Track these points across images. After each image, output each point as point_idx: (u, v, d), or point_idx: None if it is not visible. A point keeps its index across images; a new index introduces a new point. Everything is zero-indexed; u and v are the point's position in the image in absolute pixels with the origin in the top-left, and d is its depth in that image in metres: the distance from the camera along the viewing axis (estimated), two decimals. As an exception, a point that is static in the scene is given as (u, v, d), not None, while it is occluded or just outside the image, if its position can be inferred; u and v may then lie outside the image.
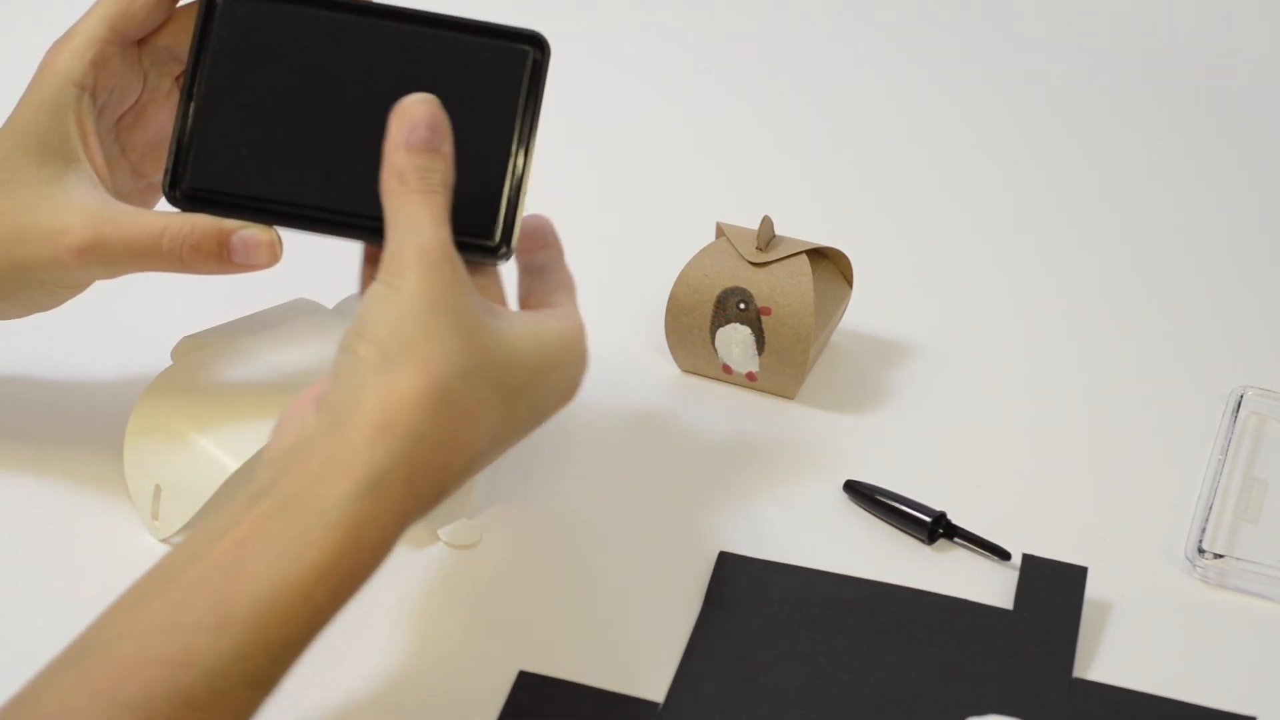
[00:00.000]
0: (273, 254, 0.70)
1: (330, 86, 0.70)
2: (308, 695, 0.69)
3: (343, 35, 0.70)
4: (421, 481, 0.59)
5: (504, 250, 0.69)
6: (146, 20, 0.73)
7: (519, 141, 0.70)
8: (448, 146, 0.65)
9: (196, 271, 0.70)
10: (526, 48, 0.70)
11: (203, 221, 0.70)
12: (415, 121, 0.64)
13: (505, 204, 0.69)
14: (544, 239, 0.71)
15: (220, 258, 0.70)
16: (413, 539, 0.76)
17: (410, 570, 0.75)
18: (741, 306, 0.85)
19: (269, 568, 0.56)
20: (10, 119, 0.73)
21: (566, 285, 0.70)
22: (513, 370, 0.63)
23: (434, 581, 0.75)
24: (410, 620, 0.73)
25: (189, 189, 0.71)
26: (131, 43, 0.74)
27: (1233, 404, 0.85)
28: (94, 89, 0.72)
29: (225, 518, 0.58)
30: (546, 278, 0.70)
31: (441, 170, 0.64)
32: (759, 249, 0.86)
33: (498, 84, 0.70)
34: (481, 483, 0.78)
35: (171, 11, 0.74)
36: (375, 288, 0.62)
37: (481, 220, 0.69)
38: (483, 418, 0.61)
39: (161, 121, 0.76)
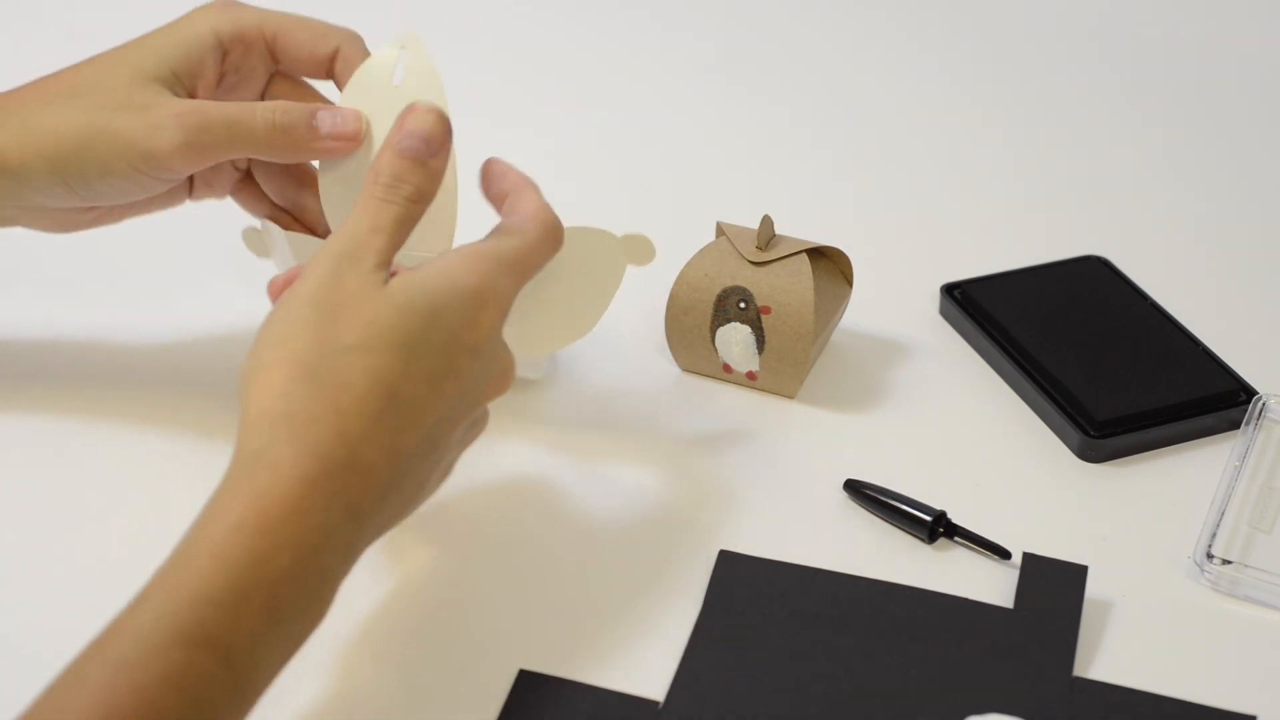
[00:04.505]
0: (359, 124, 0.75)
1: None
2: (308, 694, 0.69)
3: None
4: (312, 444, 0.62)
5: None
6: (304, 67, 0.80)
7: None
8: (437, 161, 0.69)
9: (286, 148, 0.75)
10: None
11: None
12: (411, 129, 0.69)
13: None
14: (498, 183, 0.74)
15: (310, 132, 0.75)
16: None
17: (411, 570, 0.75)
18: (742, 306, 0.85)
19: (181, 542, 0.61)
20: (134, 44, 0.77)
21: (507, 220, 0.72)
22: (404, 328, 0.65)
23: (434, 581, 0.75)
24: (411, 619, 0.73)
25: None
26: (264, 77, 0.80)
27: (1254, 412, 0.83)
28: (225, 53, 0.78)
29: None
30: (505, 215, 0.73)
31: (415, 182, 0.68)
32: (759, 248, 0.86)
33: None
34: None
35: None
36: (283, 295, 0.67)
37: None
38: (365, 382, 0.64)
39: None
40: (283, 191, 0.81)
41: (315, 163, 0.78)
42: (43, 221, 0.79)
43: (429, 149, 0.69)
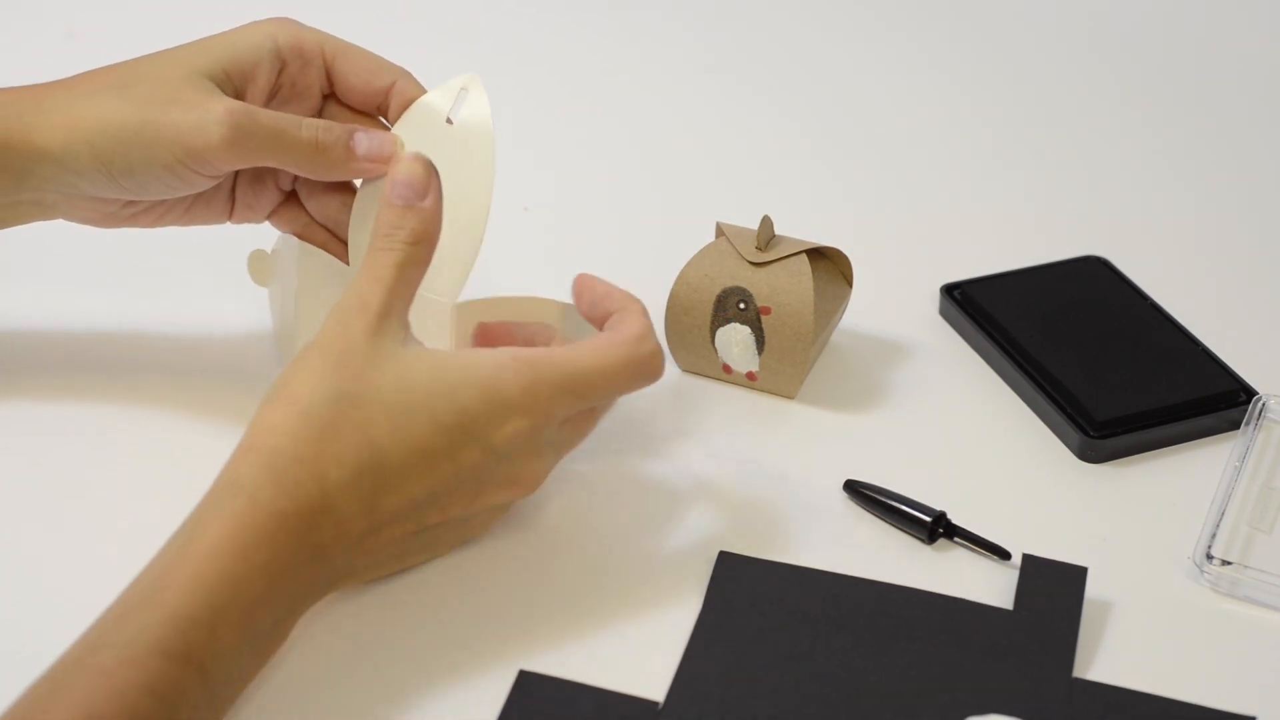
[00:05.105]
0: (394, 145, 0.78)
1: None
2: (307, 694, 0.69)
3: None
4: (290, 485, 0.65)
5: None
6: (357, 95, 0.80)
7: None
8: (427, 201, 0.71)
9: (323, 165, 0.77)
10: None
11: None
12: (395, 178, 0.71)
13: None
14: (604, 304, 0.76)
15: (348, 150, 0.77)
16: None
17: (411, 570, 0.75)
18: (741, 306, 0.85)
19: (160, 559, 0.63)
20: (190, 44, 0.78)
21: (601, 337, 0.74)
22: (405, 391, 0.68)
23: (434, 581, 0.75)
24: (411, 620, 0.73)
25: None
26: (318, 98, 0.80)
27: (1254, 412, 0.83)
28: (282, 65, 0.78)
29: None
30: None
31: (409, 226, 0.71)
32: (759, 249, 0.86)
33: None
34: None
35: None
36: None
37: None
38: (352, 433, 0.66)
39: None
40: (324, 208, 0.81)
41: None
42: (83, 212, 0.79)
43: (416, 193, 0.71)
